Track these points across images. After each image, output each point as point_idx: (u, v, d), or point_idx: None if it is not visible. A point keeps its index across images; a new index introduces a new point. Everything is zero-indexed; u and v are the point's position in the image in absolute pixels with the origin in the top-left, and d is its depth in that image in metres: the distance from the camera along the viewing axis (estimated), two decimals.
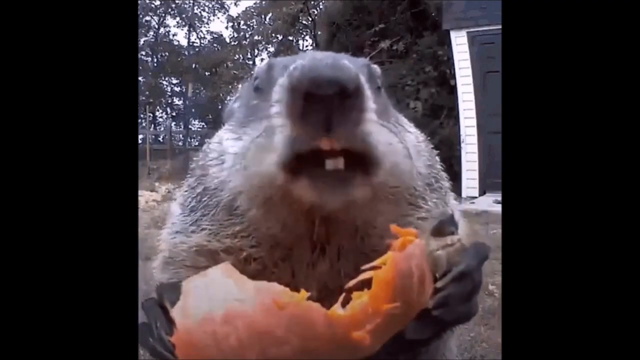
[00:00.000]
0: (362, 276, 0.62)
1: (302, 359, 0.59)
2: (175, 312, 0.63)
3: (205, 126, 18.97)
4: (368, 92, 0.64)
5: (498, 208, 5.32)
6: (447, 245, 0.70)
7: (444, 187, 0.88)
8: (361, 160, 0.65)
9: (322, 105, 0.60)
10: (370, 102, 0.65)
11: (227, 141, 0.78)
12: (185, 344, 0.61)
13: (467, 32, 7.39)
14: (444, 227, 0.73)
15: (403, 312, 0.62)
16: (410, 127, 0.87)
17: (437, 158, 0.90)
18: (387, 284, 0.61)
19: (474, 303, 0.72)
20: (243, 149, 0.72)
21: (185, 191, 0.87)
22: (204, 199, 0.80)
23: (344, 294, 0.61)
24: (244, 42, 19.44)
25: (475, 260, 0.71)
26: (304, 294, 0.61)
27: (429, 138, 0.90)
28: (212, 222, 0.78)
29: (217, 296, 0.63)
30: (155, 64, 22.08)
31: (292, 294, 0.61)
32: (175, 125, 18.86)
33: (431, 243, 0.70)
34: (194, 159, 0.89)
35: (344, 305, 0.60)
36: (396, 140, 0.72)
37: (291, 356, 0.58)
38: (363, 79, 0.64)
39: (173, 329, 0.62)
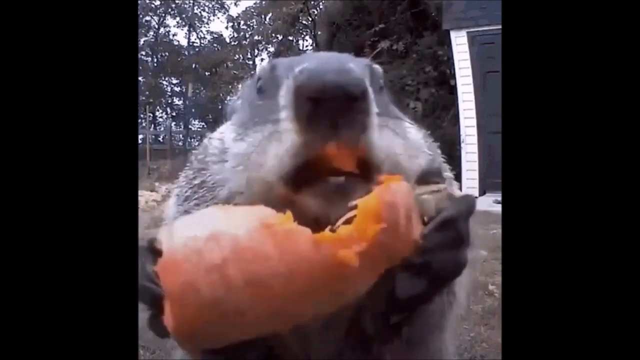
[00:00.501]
0: (349, 214, 0.61)
1: (289, 282, 0.57)
2: (162, 234, 0.62)
3: (205, 126, 18.98)
4: (372, 94, 0.65)
5: (498, 208, 5.32)
6: (433, 191, 0.70)
7: (447, 179, 0.88)
8: (362, 166, 0.65)
9: (329, 109, 0.60)
10: (375, 104, 0.65)
11: (229, 139, 0.78)
12: (169, 264, 0.59)
13: (467, 32, 7.39)
14: (429, 176, 0.73)
15: (391, 242, 0.61)
16: (411, 124, 0.87)
17: (439, 150, 0.91)
18: (372, 210, 0.60)
19: (462, 253, 0.70)
20: (246, 150, 0.71)
21: (183, 182, 0.87)
22: (200, 191, 0.80)
23: (330, 227, 0.61)
24: (244, 42, 19.44)
25: (462, 207, 0.71)
26: (290, 216, 0.60)
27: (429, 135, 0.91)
28: None
29: (204, 219, 0.62)
30: (155, 64, 22.08)
31: (279, 215, 0.60)
32: (175, 125, 18.87)
33: (417, 189, 0.70)
34: (194, 152, 0.90)
35: None
36: (399, 141, 0.72)
37: (277, 277, 0.57)
38: (367, 81, 0.64)
39: (158, 259, 0.61)
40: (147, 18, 21.09)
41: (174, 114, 21.68)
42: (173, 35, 23.03)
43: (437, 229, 0.68)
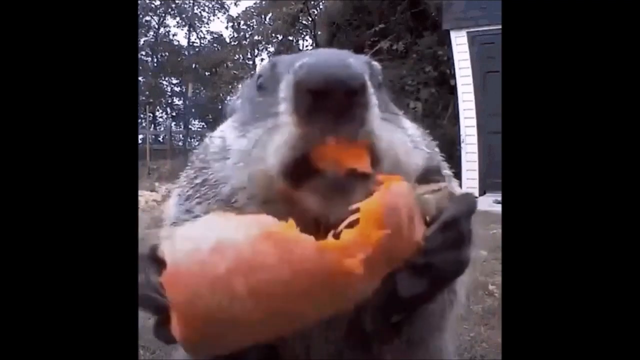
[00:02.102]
0: (351, 218, 0.61)
1: (293, 289, 0.58)
2: (164, 246, 0.62)
3: (205, 126, 18.97)
4: (371, 89, 0.65)
5: (498, 208, 5.32)
6: (434, 190, 0.70)
7: (446, 177, 0.88)
8: (361, 161, 0.65)
9: (328, 103, 0.61)
10: (374, 99, 0.65)
11: (230, 137, 0.78)
12: (174, 277, 0.59)
13: (467, 32, 7.39)
14: (430, 174, 0.73)
15: (394, 246, 0.61)
16: (410, 122, 0.87)
17: (437, 149, 0.90)
18: (375, 215, 0.60)
19: (464, 253, 0.70)
20: (247, 146, 0.72)
21: (184, 182, 0.87)
22: (202, 189, 0.80)
23: (332, 232, 0.60)
24: (244, 42, 19.44)
25: (463, 207, 0.71)
26: (292, 223, 0.60)
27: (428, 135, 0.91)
28: (205, 211, 0.78)
29: (206, 229, 0.62)
30: (155, 64, 22.07)
31: (282, 224, 0.60)
32: (175, 125, 18.86)
33: (418, 188, 0.70)
34: (194, 151, 0.90)
35: None
36: (398, 136, 0.72)
37: (281, 285, 0.57)
38: (367, 76, 0.64)
39: (162, 270, 0.61)
40: (147, 18, 21.08)
41: (174, 114, 21.67)
42: (173, 35, 23.05)
43: (439, 229, 0.68)
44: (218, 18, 23.47)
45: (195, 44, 23.29)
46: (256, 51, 19.50)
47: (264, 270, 0.57)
